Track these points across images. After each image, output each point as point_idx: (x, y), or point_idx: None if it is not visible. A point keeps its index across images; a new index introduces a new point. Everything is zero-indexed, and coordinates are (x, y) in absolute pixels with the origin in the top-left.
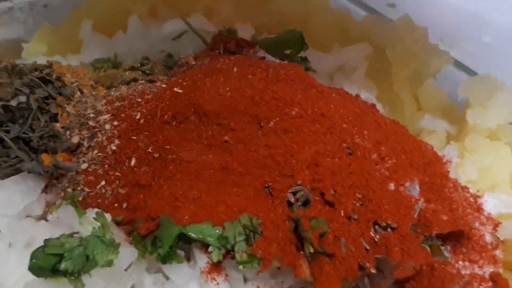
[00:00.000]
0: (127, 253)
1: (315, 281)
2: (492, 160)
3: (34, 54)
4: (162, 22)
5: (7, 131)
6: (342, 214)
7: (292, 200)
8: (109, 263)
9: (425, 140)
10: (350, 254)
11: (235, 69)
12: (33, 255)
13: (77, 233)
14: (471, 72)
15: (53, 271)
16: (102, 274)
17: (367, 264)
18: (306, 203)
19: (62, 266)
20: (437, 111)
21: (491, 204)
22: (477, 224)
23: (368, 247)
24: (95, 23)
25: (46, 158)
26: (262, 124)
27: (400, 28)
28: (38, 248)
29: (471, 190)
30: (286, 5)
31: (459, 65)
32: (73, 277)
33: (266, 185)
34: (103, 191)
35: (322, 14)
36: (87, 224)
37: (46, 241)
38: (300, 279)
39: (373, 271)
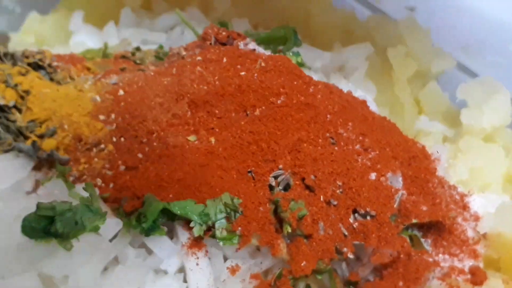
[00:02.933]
0: (113, 224)
1: (291, 260)
2: (484, 161)
3: (22, 44)
4: (156, 15)
5: None
6: (322, 199)
7: (274, 183)
8: (96, 229)
9: (421, 141)
10: (327, 237)
11: (224, 59)
12: (26, 218)
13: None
14: (473, 75)
15: (45, 232)
16: (89, 240)
17: (345, 249)
18: (287, 187)
19: (53, 227)
20: (437, 114)
21: (478, 204)
22: (460, 219)
23: (346, 233)
24: (86, 14)
25: (46, 146)
26: (248, 112)
27: (403, 29)
28: (30, 213)
29: (459, 189)
30: (285, 3)
31: (462, 67)
32: (62, 239)
33: (249, 170)
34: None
35: (324, 14)
36: (76, 196)
37: (38, 203)
38: (278, 259)
39: (351, 256)
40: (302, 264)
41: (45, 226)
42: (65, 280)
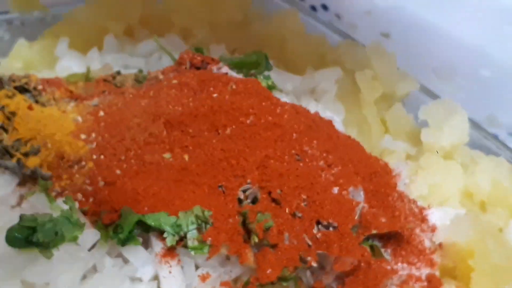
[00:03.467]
0: (91, 234)
1: (258, 268)
2: (442, 177)
3: (10, 69)
4: (138, 42)
5: None
6: (287, 211)
7: (242, 197)
8: (75, 239)
9: (386, 159)
10: (292, 246)
11: (198, 82)
12: (10, 228)
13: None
14: (435, 97)
15: (27, 242)
16: (68, 250)
17: (309, 258)
18: (254, 201)
19: (35, 237)
20: (401, 134)
21: (436, 216)
22: (418, 231)
23: (310, 243)
24: (71, 41)
25: (30, 163)
26: (219, 131)
27: (370, 53)
28: (13, 224)
29: (419, 203)
30: (262, 31)
31: (427, 90)
32: (43, 248)
33: (220, 184)
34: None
35: (297, 40)
36: (57, 209)
37: (21, 215)
38: (246, 267)
39: (315, 265)
40: (268, 272)
41: (27, 236)
42: (46, 287)
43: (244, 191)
